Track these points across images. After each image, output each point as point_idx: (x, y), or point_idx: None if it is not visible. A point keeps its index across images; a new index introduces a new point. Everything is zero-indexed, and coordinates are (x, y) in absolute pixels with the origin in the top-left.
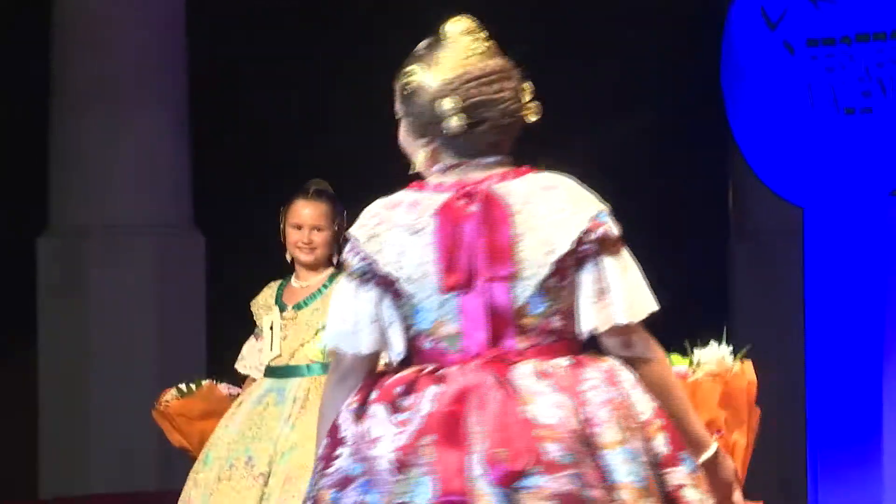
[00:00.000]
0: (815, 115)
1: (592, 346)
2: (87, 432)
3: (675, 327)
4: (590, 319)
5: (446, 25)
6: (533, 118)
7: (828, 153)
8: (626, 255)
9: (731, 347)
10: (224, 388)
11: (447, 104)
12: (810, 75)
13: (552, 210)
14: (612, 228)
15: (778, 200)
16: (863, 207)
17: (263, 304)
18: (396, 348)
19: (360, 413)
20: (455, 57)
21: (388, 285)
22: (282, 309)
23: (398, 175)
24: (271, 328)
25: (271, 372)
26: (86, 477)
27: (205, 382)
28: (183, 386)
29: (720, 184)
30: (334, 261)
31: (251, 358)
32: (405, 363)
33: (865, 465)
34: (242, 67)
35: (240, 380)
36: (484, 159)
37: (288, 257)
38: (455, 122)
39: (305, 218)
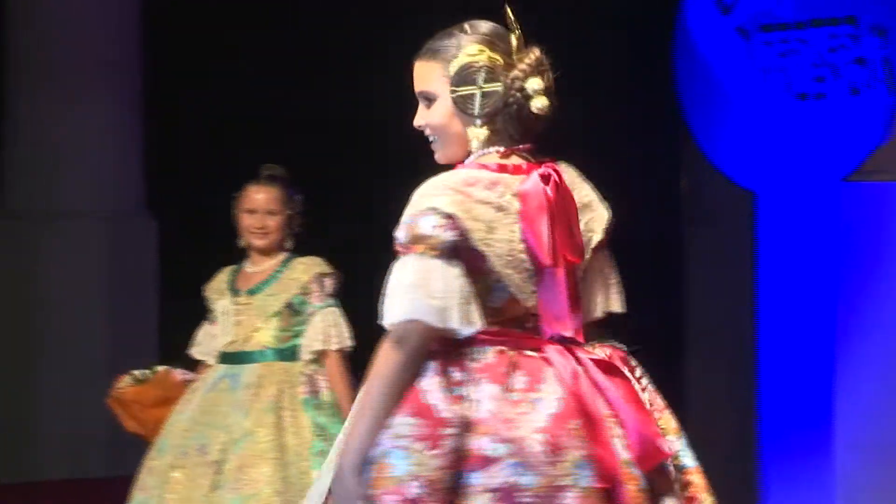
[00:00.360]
0: (768, 100)
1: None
2: (37, 418)
3: (627, 315)
4: (598, 305)
5: (507, 13)
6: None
7: (781, 138)
8: None
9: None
10: (179, 374)
11: (537, 84)
12: (764, 60)
13: (586, 197)
14: None
15: (731, 185)
16: (815, 193)
17: (217, 290)
18: (478, 324)
19: (453, 392)
20: (521, 42)
21: (472, 261)
22: (235, 294)
23: (352, 162)
24: (225, 313)
25: (225, 357)
26: (36, 463)
27: (160, 369)
28: (138, 372)
29: (673, 168)
30: (287, 245)
31: (206, 343)
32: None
33: (817, 452)
34: (197, 51)
35: (194, 365)
36: (525, 145)
37: (242, 243)
38: (544, 102)
39: (259, 202)
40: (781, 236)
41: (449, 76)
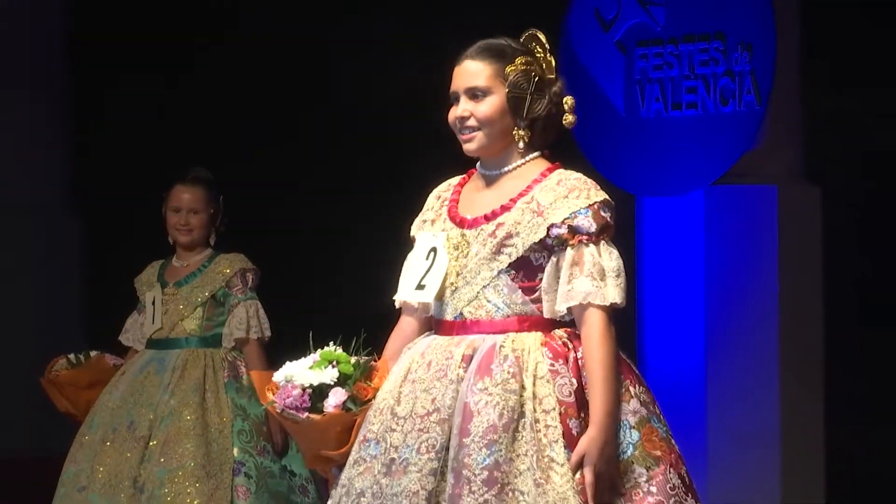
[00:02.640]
0: (645, 109)
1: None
2: None
3: None
4: None
5: (538, 34)
6: None
7: (657, 145)
8: None
9: None
10: (110, 359)
11: (571, 101)
12: (641, 73)
13: None
14: None
15: (612, 188)
16: (688, 196)
17: (146, 281)
18: None
19: None
20: (556, 63)
21: None
22: (163, 286)
23: (274, 163)
24: (153, 303)
25: (153, 344)
26: None
27: (93, 354)
28: (72, 356)
29: None
30: (211, 242)
31: (133, 331)
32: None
33: (689, 435)
34: (123, 53)
35: (122, 351)
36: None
37: (170, 239)
38: (575, 118)
39: (184, 202)
40: (658, 236)
41: (504, 78)
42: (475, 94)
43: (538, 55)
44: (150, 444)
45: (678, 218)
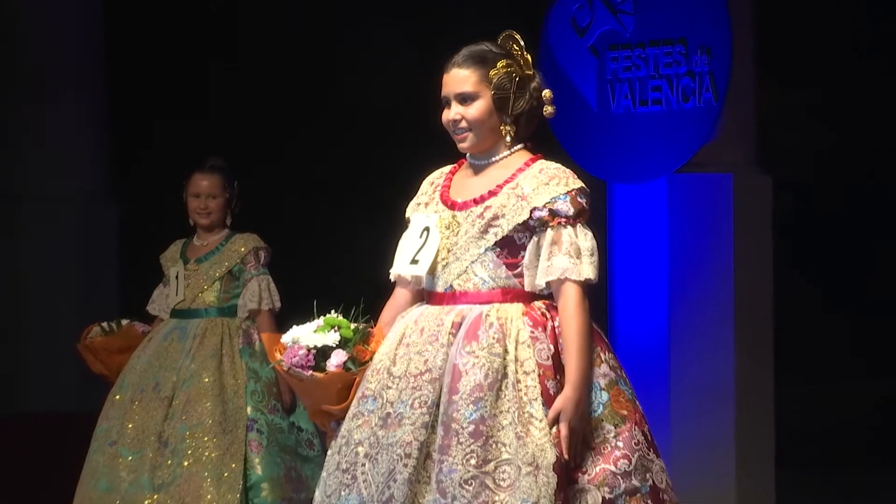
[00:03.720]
0: (615, 105)
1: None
2: (24, 363)
3: None
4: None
5: (514, 34)
6: None
7: (626, 138)
8: None
9: None
10: (139, 327)
11: (549, 94)
12: (611, 74)
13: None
14: None
15: (586, 175)
16: (653, 183)
17: (170, 258)
18: None
19: None
20: (532, 60)
21: None
22: (185, 262)
23: (285, 151)
24: (177, 277)
25: (176, 314)
26: (22, 399)
27: (124, 322)
28: (105, 324)
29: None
30: (228, 223)
31: (159, 302)
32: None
33: (654, 393)
34: (156, 53)
35: (150, 319)
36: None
37: (191, 221)
38: (554, 109)
39: (202, 188)
40: (627, 218)
41: (489, 81)
42: (464, 98)
43: (516, 54)
44: (174, 403)
45: (644, 202)
